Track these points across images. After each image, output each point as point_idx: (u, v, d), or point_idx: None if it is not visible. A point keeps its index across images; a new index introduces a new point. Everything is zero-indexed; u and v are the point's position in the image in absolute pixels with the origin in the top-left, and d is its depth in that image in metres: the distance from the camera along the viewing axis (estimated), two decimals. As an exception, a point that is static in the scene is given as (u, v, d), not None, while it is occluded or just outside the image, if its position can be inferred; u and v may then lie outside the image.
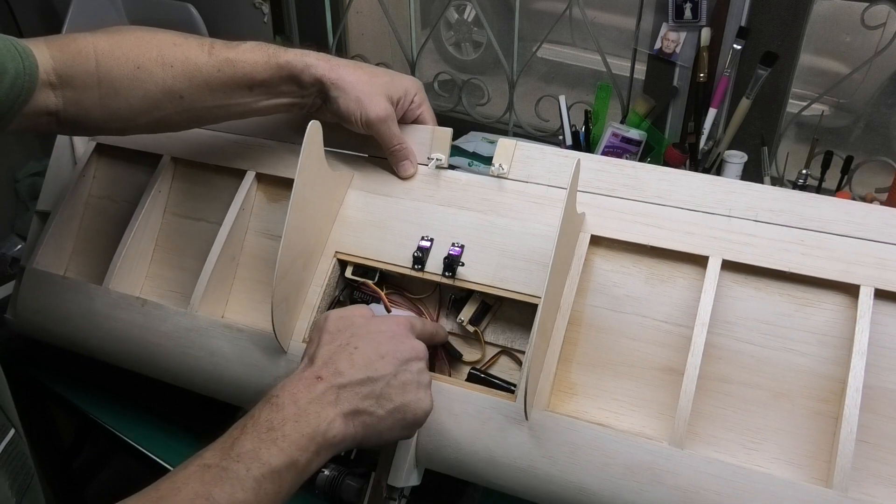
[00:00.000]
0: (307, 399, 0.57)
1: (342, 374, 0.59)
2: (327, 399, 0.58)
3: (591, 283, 0.73)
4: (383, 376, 0.61)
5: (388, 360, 0.62)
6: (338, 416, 0.58)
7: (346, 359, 0.61)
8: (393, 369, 0.62)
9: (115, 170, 0.97)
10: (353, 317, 0.65)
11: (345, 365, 0.60)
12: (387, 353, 0.62)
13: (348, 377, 0.59)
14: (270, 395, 0.58)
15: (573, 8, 1.25)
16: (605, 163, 0.77)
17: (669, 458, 0.64)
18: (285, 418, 0.56)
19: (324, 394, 0.58)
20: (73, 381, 1.00)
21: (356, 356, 0.61)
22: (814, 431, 0.65)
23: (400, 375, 0.62)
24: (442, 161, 0.82)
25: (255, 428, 0.55)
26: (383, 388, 0.61)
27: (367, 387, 0.60)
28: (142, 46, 0.72)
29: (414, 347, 0.64)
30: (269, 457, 0.54)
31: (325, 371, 0.60)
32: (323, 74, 0.75)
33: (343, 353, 0.61)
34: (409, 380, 0.62)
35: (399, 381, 0.62)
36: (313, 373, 0.60)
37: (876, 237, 0.67)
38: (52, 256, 0.93)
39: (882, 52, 1.03)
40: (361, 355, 0.61)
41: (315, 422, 0.57)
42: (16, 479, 0.59)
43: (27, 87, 0.67)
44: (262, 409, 0.57)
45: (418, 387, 0.63)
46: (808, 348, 0.66)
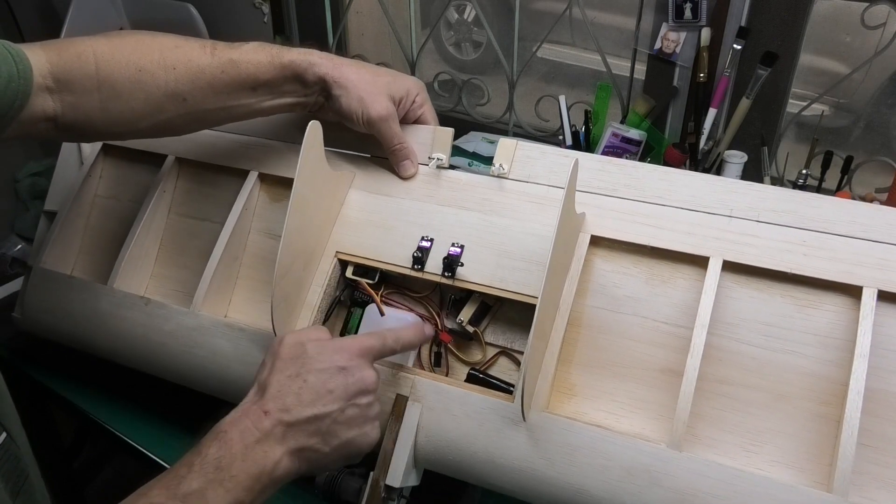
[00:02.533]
0: (255, 437, 0.57)
1: (289, 410, 0.59)
2: (274, 436, 0.58)
3: (590, 283, 0.73)
4: (330, 413, 0.61)
5: (336, 396, 0.61)
6: (284, 454, 0.58)
7: (295, 393, 0.60)
8: (340, 405, 0.61)
9: (121, 170, 0.98)
10: (307, 343, 0.64)
11: (292, 400, 0.60)
12: (335, 388, 0.61)
13: (295, 415, 0.59)
14: (219, 430, 0.57)
15: (573, 8, 1.25)
16: (606, 163, 0.77)
17: (668, 461, 0.64)
18: (233, 457, 0.55)
19: (271, 431, 0.58)
20: (73, 381, 1.00)
21: (304, 391, 0.60)
22: (814, 434, 0.64)
23: (347, 410, 0.62)
24: (443, 161, 0.82)
25: (202, 466, 0.55)
26: (329, 425, 0.61)
27: (313, 425, 0.60)
28: (143, 49, 0.72)
29: (363, 379, 0.63)
30: (215, 498, 0.54)
31: (273, 405, 0.59)
32: (326, 73, 0.75)
33: (292, 386, 0.61)
34: (355, 415, 0.62)
35: (345, 417, 0.62)
36: (261, 406, 0.59)
37: (879, 238, 0.67)
38: (59, 256, 0.94)
39: (882, 52, 1.03)
40: (310, 390, 0.60)
41: (262, 461, 0.57)
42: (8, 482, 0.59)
43: (22, 91, 0.65)
44: (211, 444, 0.56)
45: (364, 421, 0.63)
46: (810, 350, 0.66)
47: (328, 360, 0.63)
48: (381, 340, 0.67)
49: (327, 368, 0.62)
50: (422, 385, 0.72)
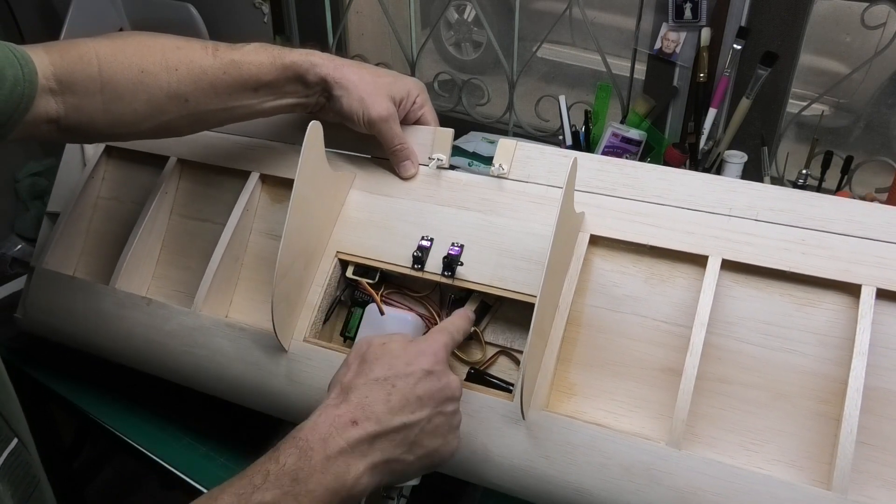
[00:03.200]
0: (338, 448, 0.54)
1: (379, 420, 0.56)
2: (360, 450, 0.55)
3: (590, 282, 0.73)
4: (418, 422, 0.58)
5: (425, 403, 0.59)
6: (367, 469, 0.55)
7: (384, 400, 0.57)
8: (429, 413, 0.59)
9: (124, 171, 0.98)
10: (393, 344, 0.62)
11: (381, 408, 0.57)
12: (424, 394, 0.59)
13: (384, 424, 0.56)
14: (299, 436, 0.55)
15: (573, 8, 1.25)
16: (605, 162, 0.77)
17: (667, 459, 0.64)
18: (312, 469, 0.53)
19: (358, 442, 0.55)
20: (73, 381, 1.00)
21: (394, 397, 0.58)
22: (814, 433, 0.64)
23: (434, 419, 0.59)
24: (443, 161, 0.82)
25: (278, 477, 0.52)
26: (417, 434, 0.58)
27: (401, 434, 0.57)
28: (145, 50, 0.72)
29: (450, 385, 0.61)
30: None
31: (361, 414, 0.56)
32: (328, 73, 0.75)
33: (380, 392, 0.58)
34: (441, 423, 0.60)
35: (433, 426, 0.59)
36: (349, 415, 0.56)
37: (877, 236, 0.67)
38: (62, 256, 0.95)
39: (882, 52, 1.03)
40: (399, 396, 0.58)
41: (343, 476, 0.54)
42: (17, 489, 0.59)
43: (27, 94, 0.65)
44: (289, 452, 0.54)
45: (449, 430, 0.61)
46: (809, 349, 0.66)
47: (415, 362, 0.60)
48: (450, 336, 0.66)
49: (415, 372, 0.60)
50: (422, 384, 0.72)
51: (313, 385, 0.75)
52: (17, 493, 0.59)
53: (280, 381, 0.77)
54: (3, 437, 0.59)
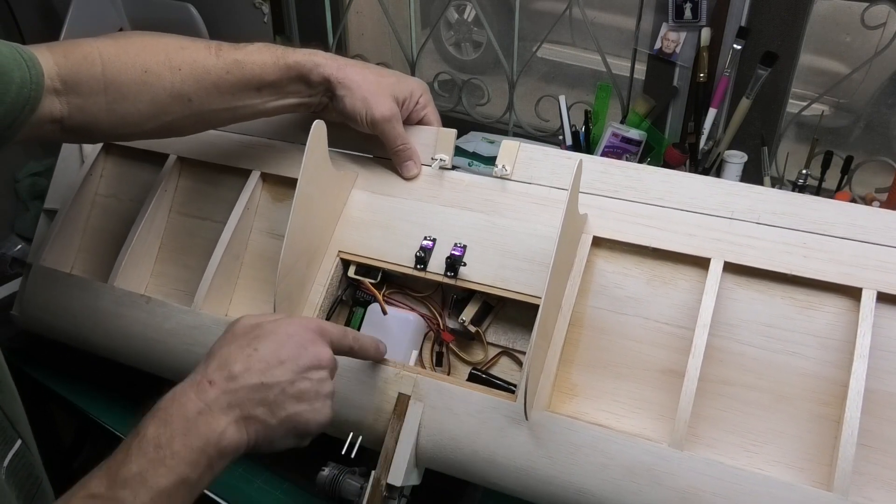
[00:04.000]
0: (196, 409, 0.54)
1: (235, 378, 0.56)
2: (218, 405, 0.55)
3: (592, 284, 0.73)
4: (278, 383, 0.57)
5: (287, 366, 0.58)
6: (230, 423, 0.55)
7: (243, 360, 0.57)
8: (290, 376, 0.58)
9: (122, 169, 0.98)
10: (262, 322, 0.61)
11: (239, 367, 0.57)
12: (287, 359, 0.58)
13: (241, 381, 0.56)
14: (158, 408, 0.55)
15: (573, 8, 1.25)
16: (608, 164, 0.77)
17: (669, 460, 0.64)
18: (173, 433, 0.53)
19: (215, 400, 0.55)
20: (73, 381, 1.00)
21: (253, 358, 0.57)
22: (815, 434, 0.65)
23: (298, 383, 0.58)
24: (445, 162, 0.82)
25: (140, 448, 0.52)
26: (277, 395, 0.57)
27: (260, 393, 0.57)
28: (148, 50, 0.72)
29: (318, 355, 0.60)
30: (156, 479, 0.51)
31: (218, 375, 0.56)
32: (331, 74, 0.75)
33: (241, 354, 0.58)
34: (306, 388, 0.59)
35: (295, 390, 0.58)
36: (206, 376, 0.56)
37: (879, 240, 0.67)
38: (59, 254, 0.94)
39: (882, 52, 1.03)
40: (259, 358, 0.58)
41: (206, 433, 0.54)
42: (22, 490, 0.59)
43: (33, 96, 0.65)
44: (150, 424, 0.54)
45: (316, 396, 0.60)
46: (810, 351, 0.66)
47: (283, 331, 0.60)
48: (342, 331, 0.65)
49: (281, 339, 0.59)
50: (424, 384, 0.72)
51: (315, 385, 0.75)
52: (22, 494, 0.59)
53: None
54: (7, 438, 0.59)
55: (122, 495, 0.50)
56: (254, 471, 0.86)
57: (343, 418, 0.74)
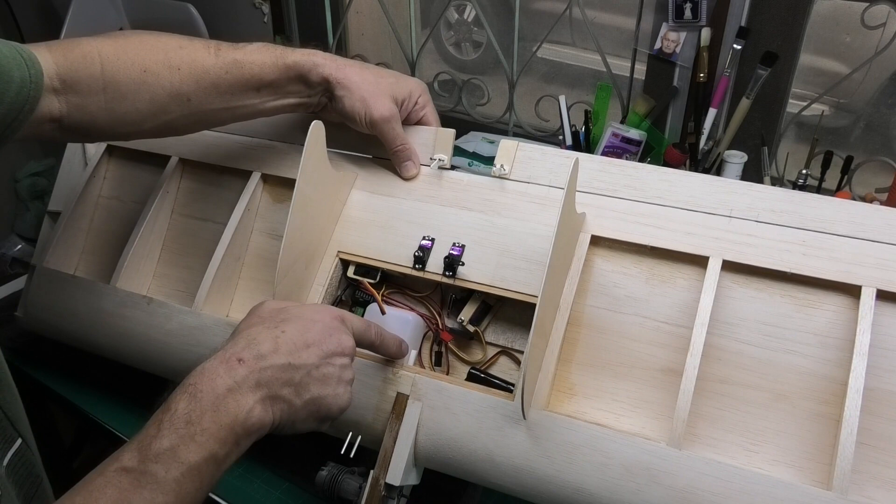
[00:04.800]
0: (226, 386, 0.55)
1: (264, 357, 0.58)
2: (247, 384, 0.56)
3: (591, 283, 0.73)
4: (305, 365, 0.59)
5: (313, 350, 0.60)
6: (257, 402, 0.56)
7: (271, 341, 0.59)
8: (316, 360, 0.60)
9: (125, 170, 0.98)
10: (287, 307, 0.63)
11: (268, 347, 0.58)
12: (313, 343, 0.60)
13: (270, 361, 0.58)
14: (188, 383, 0.56)
15: (573, 8, 1.25)
16: (606, 163, 0.77)
17: (667, 459, 0.64)
18: (203, 409, 0.54)
19: (244, 379, 0.56)
20: (73, 381, 1.00)
21: (281, 340, 0.59)
22: (814, 433, 0.65)
23: (322, 367, 0.60)
24: (444, 162, 0.82)
25: (171, 423, 0.53)
26: (303, 377, 0.59)
27: (287, 373, 0.58)
28: (147, 50, 0.72)
29: (341, 342, 0.62)
30: (187, 454, 0.52)
31: (247, 353, 0.57)
32: (330, 74, 0.75)
33: (269, 334, 0.59)
34: (330, 373, 0.61)
35: (320, 373, 0.60)
36: (235, 354, 0.57)
37: (878, 238, 0.67)
38: (63, 255, 0.95)
39: (882, 52, 1.03)
40: (287, 340, 0.59)
41: (234, 410, 0.55)
42: (22, 488, 0.59)
43: (32, 96, 0.65)
44: (180, 399, 0.55)
45: (338, 382, 0.62)
46: (809, 350, 0.66)
47: (309, 315, 0.62)
48: (366, 324, 0.67)
49: (307, 323, 0.61)
50: (422, 384, 0.72)
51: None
52: (22, 493, 0.59)
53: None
54: (7, 438, 0.59)
55: (153, 469, 0.51)
56: (254, 471, 0.86)
57: (342, 418, 0.74)
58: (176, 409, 0.54)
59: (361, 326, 0.66)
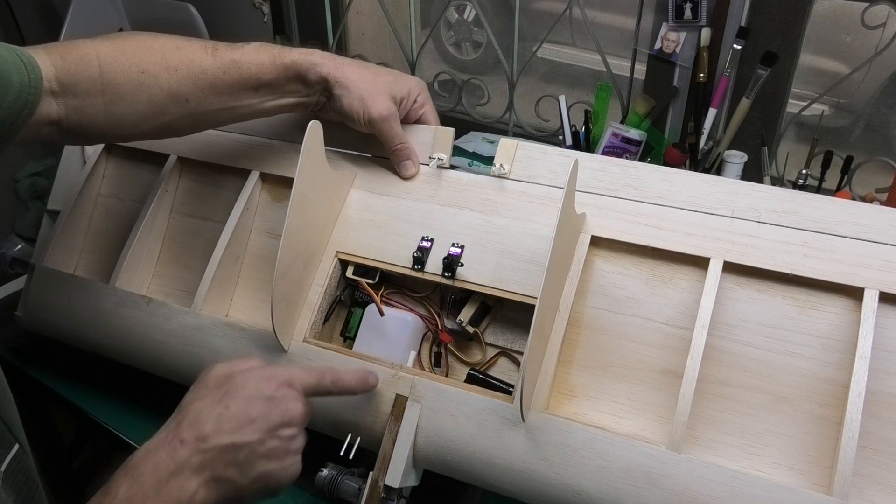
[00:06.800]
0: (168, 470, 0.54)
1: (206, 438, 0.56)
2: (190, 467, 0.55)
3: (591, 284, 0.73)
4: (248, 443, 0.58)
5: (257, 426, 0.58)
6: (200, 485, 0.55)
7: (214, 420, 0.57)
8: (260, 436, 0.58)
9: (124, 169, 0.98)
10: (235, 372, 0.61)
11: (210, 427, 0.57)
12: (257, 417, 0.58)
13: (212, 442, 0.56)
14: (129, 465, 0.55)
15: (573, 8, 1.25)
16: (606, 163, 0.77)
17: (667, 462, 0.64)
18: (146, 494, 0.53)
19: (187, 461, 0.55)
20: (73, 381, 1.00)
21: (224, 417, 0.58)
22: (815, 436, 0.64)
23: (267, 442, 0.59)
24: (444, 161, 0.82)
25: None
26: (247, 455, 0.58)
27: (230, 453, 0.57)
28: (145, 51, 0.71)
29: (288, 412, 0.60)
30: None
31: (189, 433, 0.56)
32: (328, 73, 0.75)
33: (212, 412, 0.58)
34: (275, 447, 0.59)
35: (265, 449, 0.58)
36: (177, 435, 0.56)
37: (881, 239, 0.66)
38: (62, 255, 0.94)
39: (882, 52, 1.03)
40: (230, 417, 0.58)
41: (177, 495, 0.54)
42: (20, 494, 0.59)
43: (32, 100, 0.65)
44: (122, 482, 0.54)
45: (285, 454, 0.60)
46: (811, 352, 0.66)
47: (254, 387, 0.60)
48: (318, 377, 0.64)
49: (252, 396, 0.59)
50: (421, 385, 0.72)
51: (313, 386, 0.75)
52: (20, 499, 0.58)
53: (280, 382, 0.76)
54: (5, 443, 0.59)
55: None
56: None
57: (341, 419, 0.74)
58: (117, 493, 0.53)
59: (312, 382, 0.64)
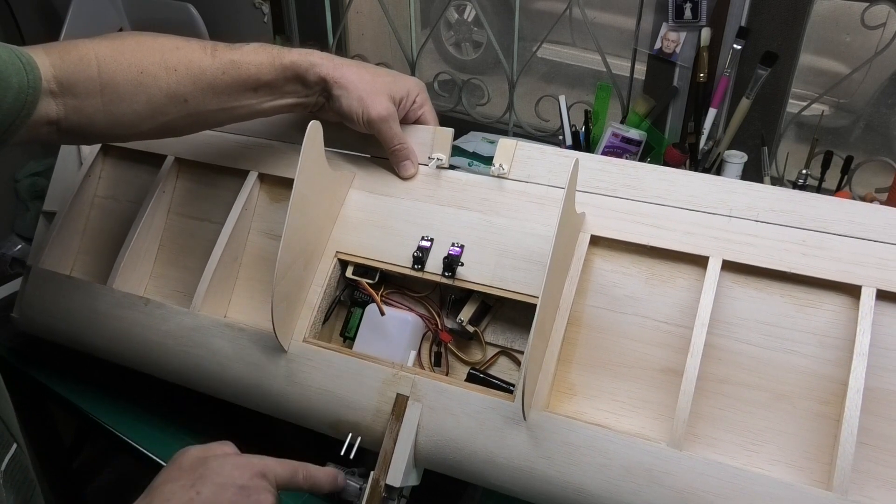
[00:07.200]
0: None
1: None
2: None
3: (590, 283, 0.73)
4: None
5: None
6: None
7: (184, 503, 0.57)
8: None
9: (121, 170, 0.98)
10: (209, 457, 0.61)
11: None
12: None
13: None
14: None
15: (573, 8, 1.25)
16: (606, 162, 0.77)
17: (667, 460, 0.64)
18: None
19: None
20: (73, 381, 1.00)
21: (196, 502, 0.57)
22: (814, 433, 0.64)
23: None
24: (443, 161, 0.82)
25: None
26: None
27: None
28: (144, 51, 0.71)
29: (259, 501, 0.60)
30: None
31: None
32: (327, 73, 0.75)
33: (183, 496, 0.58)
34: None
35: None
36: None
37: (878, 237, 0.67)
38: (58, 256, 0.94)
39: (882, 52, 1.03)
40: (201, 502, 0.57)
41: None
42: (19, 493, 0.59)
43: (30, 101, 0.65)
44: None
45: None
46: (809, 349, 0.66)
47: (228, 474, 0.60)
48: (291, 471, 0.64)
49: (224, 484, 0.59)
50: (422, 384, 0.72)
51: (312, 386, 0.75)
52: (18, 499, 0.58)
53: (279, 382, 0.77)
54: (3, 443, 0.59)
55: None
56: (252, 471, 0.86)
57: (342, 419, 0.74)
58: None
59: (285, 476, 0.64)
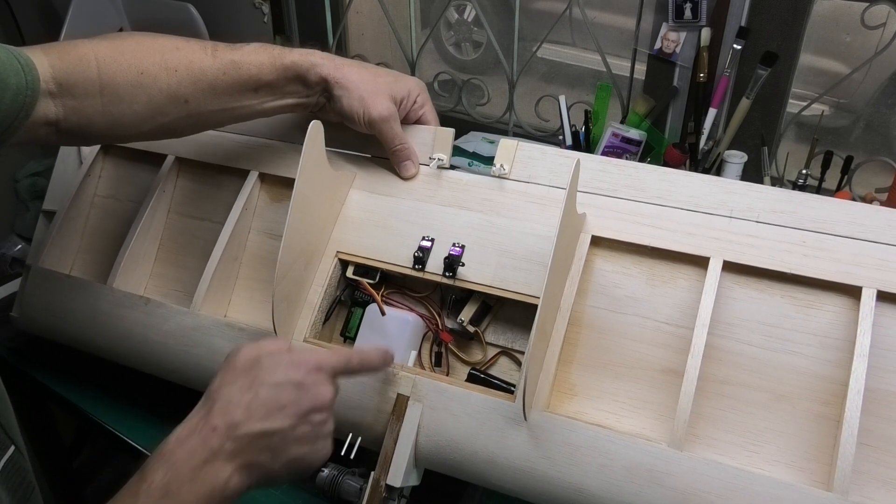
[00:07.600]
0: (202, 457, 0.55)
1: (238, 425, 0.57)
2: (223, 454, 0.56)
3: (591, 283, 0.73)
4: (280, 430, 0.58)
5: (288, 412, 0.58)
6: (234, 471, 0.56)
7: (244, 407, 0.57)
8: (291, 422, 0.58)
9: (121, 169, 0.98)
10: (264, 355, 0.61)
11: (241, 414, 0.57)
12: (287, 404, 0.59)
13: (245, 429, 0.57)
14: (164, 451, 0.55)
15: (573, 8, 1.25)
16: (606, 163, 0.77)
17: (668, 460, 0.64)
18: (181, 481, 0.54)
19: (220, 448, 0.56)
20: (73, 381, 1.00)
21: (255, 404, 0.58)
22: (815, 434, 0.65)
23: (298, 428, 0.59)
24: (444, 161, 0.82)
25: (148, 494, 0.53)
26: (279, 441, 0.58)
27: (262, 440, 0.57)
28: (144, 51, 0.71)
29: (318, 396, 0.60)
30: None
31: (221, 421, 0.57)
32: (328, 73, 0.75)
33: (242, 399, 0.58)
34: (306, 433, 0.59)
35: (296, 435, 0.59)
36: (209, 423, 0.57)
37: (878, 238, 0.67)
38: (58, 255, 0.94)
39: (882, 52, 1.03)
40: (260, 404, 0.58)
41: (212, 481, 0.55)
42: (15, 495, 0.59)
43: (28, 102, 0.65)
44: (157, 469, 0.54)
45: (316, 438, 0.60)
46: (810, 350, 0.66)
47: (283, 373, 0.60)
48: (346, 359, 0.64)
49: (281, 382, 0.59)
50: (423, 385, 0.72)
51: (314, 386, 0.75)
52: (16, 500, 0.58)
53: (280, 382, 0.76)
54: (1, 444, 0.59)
55: None
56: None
57: (342, 419, 0.74)
58: (153, 480, 0.53)
59: (340, 364, 0.64)
